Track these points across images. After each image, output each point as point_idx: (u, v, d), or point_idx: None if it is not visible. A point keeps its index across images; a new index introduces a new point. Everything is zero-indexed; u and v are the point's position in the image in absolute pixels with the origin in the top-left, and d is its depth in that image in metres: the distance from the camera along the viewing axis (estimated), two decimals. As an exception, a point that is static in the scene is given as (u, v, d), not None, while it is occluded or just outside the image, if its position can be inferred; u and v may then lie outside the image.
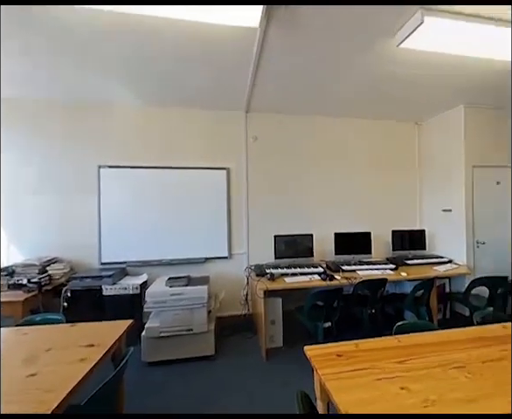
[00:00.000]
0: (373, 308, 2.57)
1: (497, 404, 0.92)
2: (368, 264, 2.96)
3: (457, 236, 3.19)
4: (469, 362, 1.17)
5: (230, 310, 3.18)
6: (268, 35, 1.83)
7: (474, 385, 1.02)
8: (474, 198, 3.14)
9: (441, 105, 3.14)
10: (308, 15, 1.65)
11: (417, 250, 3.38)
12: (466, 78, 2.46)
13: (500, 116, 3.23)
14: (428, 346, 1.30)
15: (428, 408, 0.91)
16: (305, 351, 1.28)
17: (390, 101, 3.04)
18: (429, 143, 3.61)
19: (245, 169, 3.26)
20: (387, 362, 1.17)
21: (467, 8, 1.60)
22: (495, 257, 3.20)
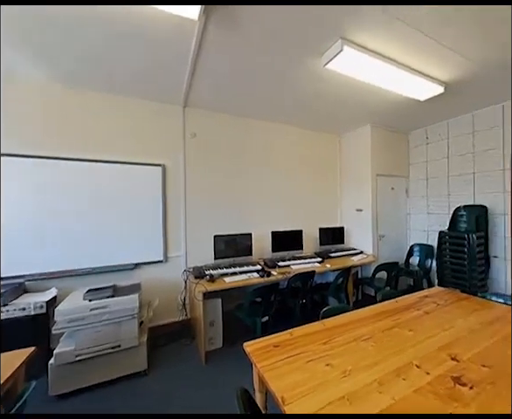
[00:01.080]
0: (304, 298, 2.87)
1: (393, 362, 1.17)
2: (300, 258, 3.28)
3: (366, 231, 3.90)
4: (373, 334, 1.45)
5: (166, 317, 2.95)
6: (208, 31, 1.80)
7: (377, 351, 1.27)
8: (378, 200, 3.91)
9: (355, 122, 3.77)
10: (247, 22, 1.71)
11: (338, 245, 3.95)
12: (373, 103, 3.02)
13: (395, 137, 4.12)
14: (345, 326, 1.54)
15: (346, 377, 1.08)
16: (244, 347, 1.31)
17: (318, 114, 3.44)
18: (347, 153, 4.28)
19: (183, 167, 3.09)
20: (315, 345, 1.33)
21: (380, 47, 1.97)
22: (391, 247, 4.07)
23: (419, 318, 1.64)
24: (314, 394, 0.98)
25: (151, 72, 2.31)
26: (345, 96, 2.85)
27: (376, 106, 3.11)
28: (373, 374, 1.10)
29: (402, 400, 0.95)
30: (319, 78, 2.44)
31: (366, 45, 1.97)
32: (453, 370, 1.12)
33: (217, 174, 3.32)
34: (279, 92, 2.75)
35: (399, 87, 2.53)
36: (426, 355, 1.23)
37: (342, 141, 4.35)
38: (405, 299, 1.96)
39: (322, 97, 2.87)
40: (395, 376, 1.08)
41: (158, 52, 2.04)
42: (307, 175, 4.07)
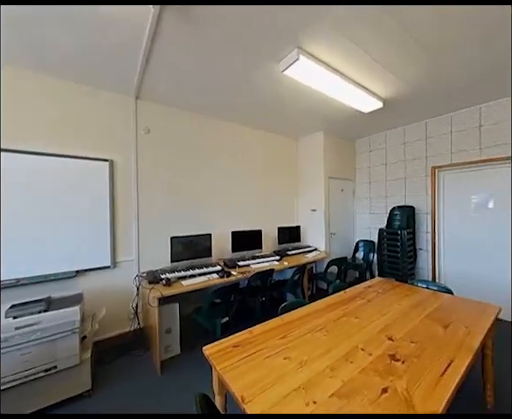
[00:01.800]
0: (264, 296, 2.94)
1: (343, 348, 1.29)
2: (259, 257, 3.35)
3: (319, 230, 4.20)
4: (326, 324, 1.57)
5: (114, 329, 2.68)
6: (164, 21, 1.69)
7: (329, 340, 1.39)
8: (330, 201, 4.25)
9: (311, 128, 4.02)
10: (205, 20, 1.67)
11: (295, 243, 4.16)
12: (326, 111, 3.27)
13: (344, 143, 4.54)
14: (301, 319, 1.63)
15: (302, 367, 1.15)
16: (203, 351, 1.28)
17: (277, 118, 3.56)
18: (303, 157, 4.54)
19: (135, 164, 2.84)
20: (274, 340, 1.38)
21: (332, 60, 2.13)
22: (341, 244, 4.47)
23: (364, 306, 1.85)
24: (273, 389, 1.02)
25: (96, 53, 2.06)
26: (302, 103, 3.01)
27: (328, 114, 3.38)
28: (326, 361, 1.19)
29: (350, 381, 1.06)
30: (278, 83, 2.53)
31: (320, 57, 2.12)
32: (389, 349, 1.29)
33: (173, 172, 3.16)
34: (239, 92, 2.76)
35: (348, 99, 2.80)
36: (369, 339, 1.39)
37: (299, 145, 4.60)
38: (352, 290, 2.18)
39: (281, 101, 2.99)
40: (344, 361, 1.19)
41: (106, 32, 1.83)
42: (267, 176, 4.18)
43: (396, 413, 0.89)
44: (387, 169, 4.26)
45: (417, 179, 3.86)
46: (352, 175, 4.74)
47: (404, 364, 1.16)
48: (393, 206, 4.00)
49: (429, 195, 3.72)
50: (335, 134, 4.32)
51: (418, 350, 1.27)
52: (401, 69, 2.33)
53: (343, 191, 4.57)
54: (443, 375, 1.09)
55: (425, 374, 1.10)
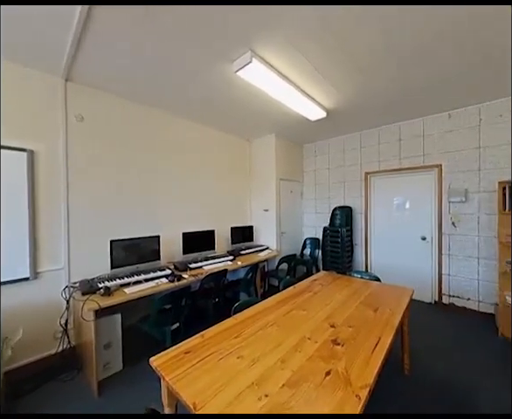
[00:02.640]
0: (217, 297, 2.89)
1: (292, 340, 1.37)
2: (212, 258, 3.28)
3: (271, 229, 4.38)
4: (277, 319, 1.64)
5: (36, 352, 2.24)
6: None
7: (280, 334, 1.46)
8: (281, 202, 4.47)
9: (263, 130, 4.15)
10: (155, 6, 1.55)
11: (248, 242, 4.22)
12: (278, 115, 3.42)
13: (294, 147, 4.83)
14: (254, 317, 1.67)
15: (255, 364, 1.17)
16: (151, 363, 1.18)
17: (231, 118, 3.55)
18: (256, 158, 4.65)
19: (64, 155, 2.43)
20: (228, 341, 1.37)
21: (283, 68, 2.23)
22: (290, 242, 4.75)
23: (310, 298, 2.00)
24: (226, 390, 1.01)
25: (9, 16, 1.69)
26: (255, 105, 3.08)
27: (280, 118, 3.54)
28: (277, 354, 1.25)
29: (299, 369, 1.13)
30: (231, 83, 2.52)
31: (271, 63, 2.20)
32: (332, 335, 1.43)
33: (116, 168, 2.83)
34: (191, 87, 2.65)
35: (297, 106, 2.99)
36: (315, 328, 1.51)
37: (252, 146, 4.69)
38: (300, 285, 2.34)
39: (235, 102, 2.99)
40: (294, 351, 1.27)
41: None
42: (220, 176, 4.13)
43: (337, 391, 1.00)
44: (330, 173, 4.72)
45: (353, 183, 4.40)
46: (300, 177, 5.09)
47: (343, 347, 1.31)
48: (335, 206, 4.47)
49: (363, 197, 4.27)
50: (286, 138, 4.56)
51: (354, 333, 1.45)
52: (341, 84, 2.61)
53: (292, 192, 4.87)
54: (373, 352, 1.26)
55: (359, 352, 1.26)
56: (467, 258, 3.30)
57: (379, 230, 4.15)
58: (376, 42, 1.95)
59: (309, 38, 1.90)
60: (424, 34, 1.87)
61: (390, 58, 2.16)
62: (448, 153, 3.43)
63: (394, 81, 2.58)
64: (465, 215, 3.31)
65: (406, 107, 3.30)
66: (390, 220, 4.03)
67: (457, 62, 2.24)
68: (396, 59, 2.19)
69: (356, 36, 1.88)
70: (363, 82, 2.58)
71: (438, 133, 3.51)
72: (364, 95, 2.89)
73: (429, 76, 2.47)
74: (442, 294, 3.51)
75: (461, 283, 3.36)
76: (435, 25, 1.78)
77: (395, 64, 2.26)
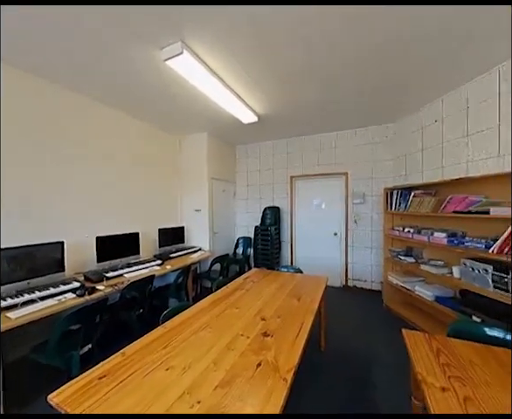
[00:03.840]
0: (142, 307, 2.60)
1: (225, 340, 1.37)
2: (136, 264, 2.93)
3: (203, 230, 4.27)
4: (210, 321, 1.62)
5: None
6: None
7: (213, 335, 1.44)
8: (213, 201, 4.41)
9: (195, 127, 3.99)
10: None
11: (179, 244, 3.98)
12: (210, 113, 3.35)
13: (226, 147, 4.86)
14: (185, 322, 1.59)
15: (186, 372, 1.12)
16: (49, 401, 0.95)
17: (159, 110, 3.24)
18: (187, 155, 4.42)
19: None
20: (155, 353, 1.25)
21: (217, 68, 2.19)
22: (223, 242, 4.76)
23: (243, 296, 2.06)
24: (153, 407, 0.92)
25: None
26: (187, 100, 2.93)
27: (212, 116, 3.49)
28: (210, 357, 1.23)
29: (232, 368, 1.15)
30: (160, 72, 2.32)
31: (205, 60, 2.15)
32: (262, 328, 1.51)
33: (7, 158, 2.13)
34: (111, 72, 2.28)
35: (230, 107, 3.02)
36: (248, 324, 1.57)
37: (183, 143, 4.44)
38: (233, 284, 2.38)
39: (165, 94, 2.76)
40: (227, 350, 1.28)
41: None
42: (147, 174, 3.73)
43: (267, 380, 1.07)
44: (260, 175, 5.00)
45: (281, 185, 4.80)
46: (233, 178, 5.17)
47: (272, 337, 1.41)
48: (265, 206, 4.76)
49: (288, 198, 4.72)
50: (219, 138, 4.54)
51: (282, 322, 1.59)
52: (271, 92, 2.80)
53: (225, 192, 4.89)
54: (297, 336, 1.42)
55: (286, 340, 1.38)
56: (364, 248, 4.14)
57: (302, 228, 4.68)
58: (297, 56, 2.19)
59: (240, 42, 1.95)
60: (333, 62, 2.23)
61: (312, 77, 2.47)
62: (353, 163, 4.20)
63: (315, 98, 2.96)
64: (363, 214, 4.14)
65: (325, 122, 3.85)
66: (310, 218, 4.60)
67: (360, 88, 2.77)
68: (317, 79, 2.52)
69: (281, 47, 2.05)
70: (290, 94, 2.85)
71: (346, 147, 4.25)
72: (292, 107, 3.20)
73: (342, 97, 2.96)
74: (348, 279, 4.28)
75: (360, 268, 4.18)
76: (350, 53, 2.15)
77: (316, 83, 2.60)
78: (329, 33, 1.85)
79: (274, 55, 2.11)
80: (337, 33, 1.85)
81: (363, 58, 2.16)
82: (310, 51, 2.07)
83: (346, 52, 2.08)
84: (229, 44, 1.96)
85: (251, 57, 2.13)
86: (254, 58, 2.15)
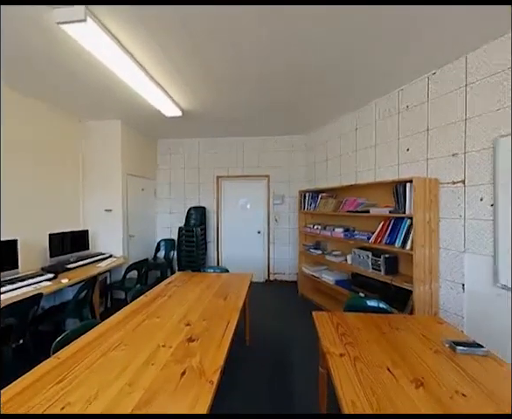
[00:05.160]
0: (21, 338, 1.99)
1: (143, 355, 1.23)
2: (13, 282, 2.22)
3: (116, 233, 3.68)
4: (125, 337, 1.41)
5: None
6: None
7: (129, 352, 1.26)
8: (128, 200, 3.87)
9: (104, 112, 3.37)
10: None
11: (80, 252, 3.27)
12: (125, 99, 2.89)
13: (146, 141, 4.35)
14: (89, 345, 1.32)
15: (91, 404, 0.93)
16: None
17: (51, 85, 2.55)
18: (94, 145, 3.68)
19: None
20: (43, 392, 0.98)
21: (137, 53, 1.90)
22: (141, 245, 4.25)
23: (165, 303, 1.91)
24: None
25: None
26: (91, 76, 2.43)
27: (127, 103, 3.05)
28: (124, 378, 1.07)
29: (152, 384, 1.03)
30: (52, 35, 1.83)
31: (120, 39, 1.85)
32: (187, 334, 1.44)
33: None
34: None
35: (150, 97, 2.72)
36: (171, 332, 1.46)
37: (88, 129, 3.68)
38: (154, 291, 2.17)
39: (59, 63, 2.20)
40: (145, 367, 1.15)
41: None
42: (35, 164, 2.87)
43: (192, 387, 1.02)
44: (185, 173, 4.75)
45: (207, 184, 4.72)
46: (153, 175, 4.70)
47: (198, 341, 1.37)
48: (190, 206, 4.56)
49: (215, 198, 4.70)
50: (136, 129, 4.03)
51: (208, 324, 1.56)
52: (197, 89, 2.71)
53: (144, 190, 4.40)
54: (224, 335, 1.43)
55: (212, 341, 1.37)
56: (283, 244, 4.61)
57: (228, 228, 4.75)
58: (227, 58, 2.21)
59: (165, 27, 1.79)
60: (257, 73, 2.38)
61: (240, 82, 2.54)
62: (273, 167, 4.59)
63: (242, 103, 3.06)
64: (282, 213, 4.59)
65: (250, 127, 4.03)
66: (236, 218, 4.73)
67: (279, 101, 3.05)
68: (244, 84, 2.60)
69: (209, 47, 2.02)
70: (218, 95, 2.84)
71: (268, 152, 4.60)
72: (219, 107, 3.19)
73: (267, 104, 3.18)
74: (270, 273, 4.65)
75: (280, 263, 4.63)
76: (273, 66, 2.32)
77: (245, 89, 2.68)
78: (259, 45, 1.95)
79: (204, 55, 2.05)
80: (266, 46, 1.97)
81: (283, 74, 2.40)
82: (240, 59, 2.13)
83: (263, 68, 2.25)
84: (150, 25, 1.76)
85: (177, 47, 1.99)
86: (180, 49, 2.01)
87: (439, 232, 2.30)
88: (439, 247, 2.30)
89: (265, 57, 2.14)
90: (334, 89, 2.76)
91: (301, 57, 2.13)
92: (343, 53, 2.10)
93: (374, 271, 2.63)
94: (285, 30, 1.80)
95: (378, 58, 2.18)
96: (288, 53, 2.08)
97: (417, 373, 1.10)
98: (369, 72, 2.41)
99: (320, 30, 1.80)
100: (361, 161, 3.25)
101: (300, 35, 1.85)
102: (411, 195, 2.24)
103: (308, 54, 2.10)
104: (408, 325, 1.53)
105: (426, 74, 2.41)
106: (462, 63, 2.12)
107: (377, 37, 1.90)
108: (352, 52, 2.09)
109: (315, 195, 3.71)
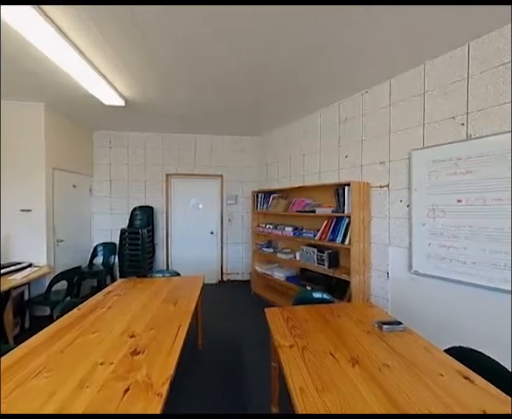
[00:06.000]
0: None
1: (75, 378, 1.06)
2: None
3: (37, 237, 3.08)
4: (49, 360, 1.19)
5: None
6: None
7: (54, 379, 1.07)
8: (55, 199, 3.28)
9: (20, 91, 2.75)
10: None
11: (-16, 262, 2.62)
12: (49, 79, 2.43)
13: (80, 132, 3.76)
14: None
15: (1, 449, 0.75)
16: None
17: None
18: (7, 131, 2.98)
19: None
20: None
21: (71, 33, 1.60)
22: (73, 251, 3.66)
23: (104, 315, 1.69)
24: None
25: None
26: (7, 48, 1.97)
27: (53, 84, 2.58)
28: (48, 409, 0.90)
29: (86, 409, 0.90)
30: None
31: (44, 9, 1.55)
32: (131, 347, 1.31)
33: None
34: None
35: (84, 81, 2.37)
36: (111, 347, 1.30)
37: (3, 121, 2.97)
38: (89, 303, 1.89)
39: None
40: (78, 390, 0.99)
41: None
42: None
43: (138, 403, 0.93)
44: (129, 169, 4.31)
45: (155, 182, 4.38)
46: (89, 170, 4.12)
47: (144, 353, 1.25)
48: (135, 206, 4.15)
49: (164, 196, 4.40)
50: (66, 116, 3.46)
51: (156, 333, 1.45)
52: (146, 82, 2.48)
53: (76, 187, 3.81)
54: (174, 342, 1.34)
55: (161, 351, 1.28)
56: (237, 244, 4.62)
57: (179, 228, 4.51)
58: (174, 56, 2.09)
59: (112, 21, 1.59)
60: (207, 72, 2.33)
61: (190, 80, 2.43)
62: (227, 167, 4.57)
63: (192, 100, 2.93)
64: (235, 213, 4.60)
65: (202, 124, 3.91)
66: (187, 218, 4.53)
67: (230, 102, 3.05)
68: (194, 82, 2.50)
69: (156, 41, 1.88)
70: (166, 88, 2.66)
71: (222, 151, 4.54)
72: (167, 101, 2.99)
73: (219, 104, 3.12)
74: (223, 274, 4.60)
75: (234, 263, 4.63)
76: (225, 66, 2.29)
77: (192, 85, 2.58)
78: (208, 45, 1.90)
79: (152, 48, 1.89)
80: (215, 46, 1.94)
81: (234, 76, 2.41)
82: (189, 57, 2.04)
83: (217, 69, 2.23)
84: (100, 23, 1.53)
85: (121, 35, 1.78)
86: (126, 38, 1.81)
87: (370, 229, 2.67)
88: (371, 242, 2.66)
89: (214, 57, 2.11)
90: (284, 95, 2.90)
91: (252, 59, 2.18)
92: (292, 63, 2.23)
93: (319, 266, 2.88)
94: (232, 31, 1.80)
95: (322, 72, 2.39)
96: (238, 54, 2.10)
97: (353, 353, 1.25)
98: (314, 84, 2.63)
99: (270, 32, 1.87)
100: (308, 164, 3.52)
101: (250, 36, 1.88)
102: (349, 196, 2.53)
103: (259, 57, 2.15)
104: (347, 311, 1.73)
105: (361, 92, 2.76)
106: (387, 86, 2.51)
107: (320, 52, 2.08)
108: (300, 63, 2.24)
109: (268, 195, 3.84)
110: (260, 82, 2.58)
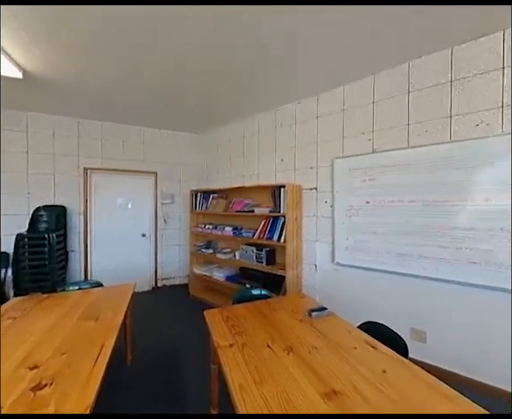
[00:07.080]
0: None
1: None
2: None
3: None
4: None
5: None
6: None
7: None
8: None
9: None
10: None
11: None
12: None
13: None
14: None
15: None
16: None
17: None
18: None
19: None
20: None
21: None
22: None
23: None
24: None
25: None
26: None
27: None
28: None
29: None
30: None
31: None
32: (32, 381, 1.05)
33: None
34: None
35: None
36: (3, 385, 1.01)
37: None
38: (-36, 334, 1.41)
39: None
40: None
41: None
42: None
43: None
44: (29, 159, 3.44)
45: (69, 177, 3.64)
46: (-37, 157, 3.09)
47: (52, 386, 1.02)
48: (38, 205, 3.33)
49: (81, 194, 3.71)
50: None
51: (69, 358, 1.20)
52: (50, 50, 2.02)
53: None
54: (96, 363, 1.15)
55: (77, 377, 1.07)
56: (173, 246, 4.33)
57: (101, 232, 3.89)
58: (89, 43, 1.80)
59: None
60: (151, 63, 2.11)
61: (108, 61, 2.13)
62: (162, 163, 4.22)
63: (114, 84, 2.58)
64: (172, 213, 4.30)
65: (130, 113, 3.47)
66: (113, 220, 3.96)
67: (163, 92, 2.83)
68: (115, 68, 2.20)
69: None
70: (83, 65, 2.24)
71: (156, 146, 4.16)
72: (85, 81, 2.53)
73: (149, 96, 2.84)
74: (158, 279, 4.23)
75: (169, 266, 4.32)
76: (153, 52, 2.09)
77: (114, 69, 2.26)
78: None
79: None
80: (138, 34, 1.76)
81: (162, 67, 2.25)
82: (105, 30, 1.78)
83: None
84: None
85: None
86: None
87: (302, 227, 2.95)
88: (303, 239, 2.95)
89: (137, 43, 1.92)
90: (221, 96, 2.90)
91: (186, 57, 2.09)
92: (231, 62, 2.25)
93: (257, 264, 3.00)
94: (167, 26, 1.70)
95: (259, 77, 2.50)
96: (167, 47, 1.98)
97: (288, 342, 1.35)
98: (252, 88, 2.73)
99: (208, 31, 1.83)
100: (247, 165, 3.62)
101: (185, 34, 1.81)
102: (284, 197, 2.73)
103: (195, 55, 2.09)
104: (282, 304, 1.86)
105: (294, 102, 3.03)
106: (315, 100, 2.84)
107: (260, 59, 2.18)
108: (237, 65, 2.28)
109: (207, 195, 3.75)
110: (195, 80, 2.49)
